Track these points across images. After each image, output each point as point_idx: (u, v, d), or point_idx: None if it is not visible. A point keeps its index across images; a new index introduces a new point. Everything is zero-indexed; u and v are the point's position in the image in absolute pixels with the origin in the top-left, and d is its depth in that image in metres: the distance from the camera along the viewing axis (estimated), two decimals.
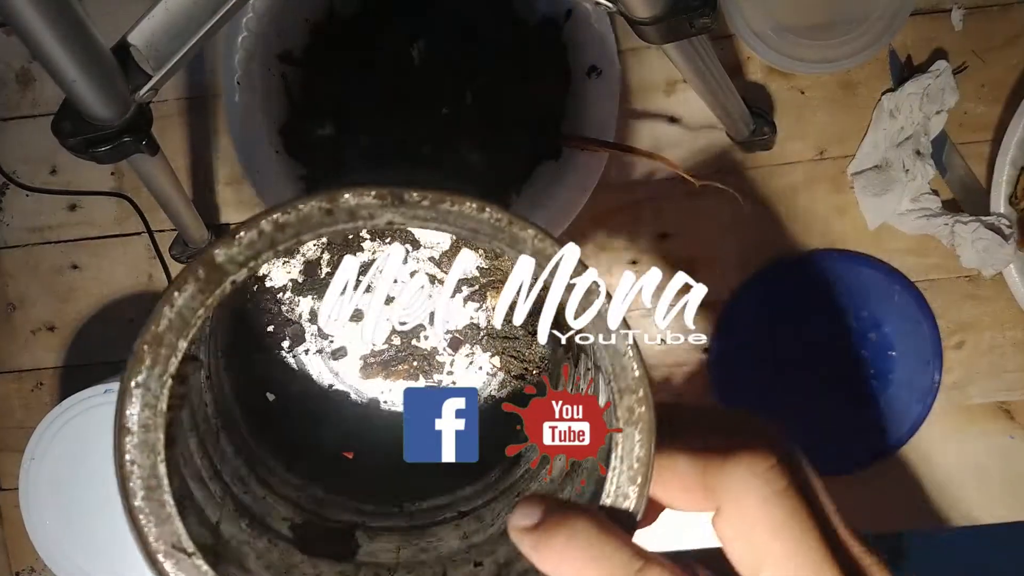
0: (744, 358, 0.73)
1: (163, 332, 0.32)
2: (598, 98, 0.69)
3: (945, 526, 0.75)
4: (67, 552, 0.62)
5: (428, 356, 0.53)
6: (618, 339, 0.33)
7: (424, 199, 0.31)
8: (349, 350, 0.53)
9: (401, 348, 0.53)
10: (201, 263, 0.30)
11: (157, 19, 0.48)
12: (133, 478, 0.31)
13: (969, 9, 0.71)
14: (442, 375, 0.54)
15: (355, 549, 0.41)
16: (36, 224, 0.76)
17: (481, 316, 0.52)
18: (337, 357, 0.54)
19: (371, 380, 0.54)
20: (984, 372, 0.73)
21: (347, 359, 0.54)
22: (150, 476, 0.31)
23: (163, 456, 0.31)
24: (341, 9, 0.71)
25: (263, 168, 0.71)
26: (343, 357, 0.54)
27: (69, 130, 0.48)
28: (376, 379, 0.54)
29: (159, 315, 0.31)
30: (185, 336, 0.31)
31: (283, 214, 0.30)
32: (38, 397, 0.78)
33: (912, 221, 0.71)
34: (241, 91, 0.70)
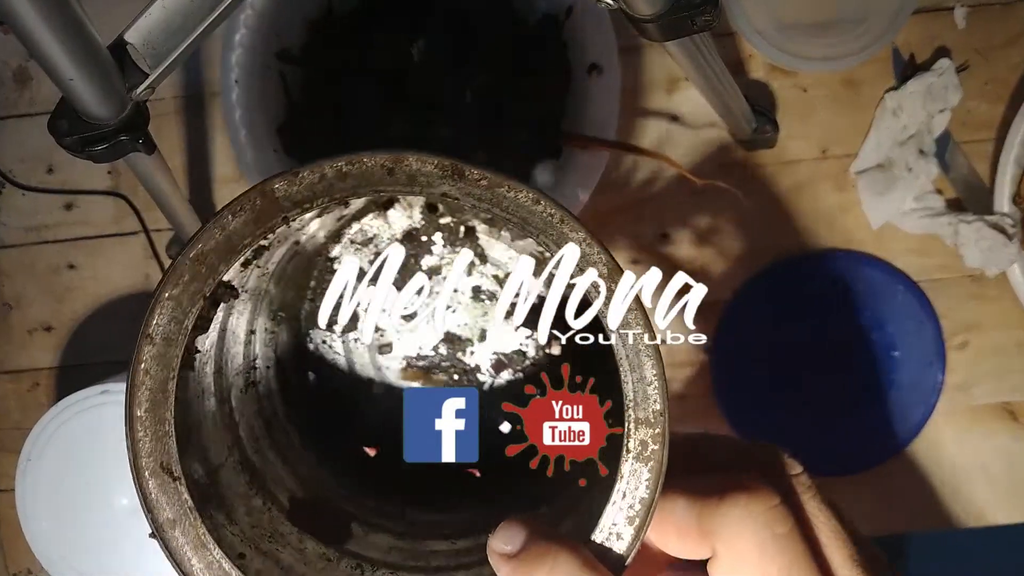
0: (746, 358, 0.73)
1: (208, 252, 0.31)
2: (599, 97, 0.69)
3: (949, 527, 0.74)
4: (64, 553, 0.62)
5: (469, 372, 0.52)
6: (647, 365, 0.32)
7: (483, 179, 0.31)
8: (395, 347, 0.52)
9: (446, 357, 0.52)
10: (259, 192, 0.30)
11: (154, 17, 0.47)
12: (143, 388, 0.32)
13: (972, 7, 0.71)
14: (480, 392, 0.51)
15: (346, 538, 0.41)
16: (32, 223, 0.76)
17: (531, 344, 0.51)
18: (383, 352, 0.52)
19: (410, 382, 0.52)
20: (988, 373, 0.73)
21: (392, 355, 0.52)
22: (159, 390, 0.32)
23: (176, 375, 0.32)
24: (340, 7, 0.71)
25: (261, 167, 0.70)
26: (388, 353, 0.52)
27: (66, 129, 0.48)
28: (415, 382, 0.52)
29: (208, 234, 0.31)
30: (228, 261, 0.31)
31: (347, 164, 0.31)
32: (35, 397, 0.77)
33: (915, 220, 0.71)
34: (239, 90, 0.69)
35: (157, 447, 0.33)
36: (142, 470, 0.33)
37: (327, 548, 0.40)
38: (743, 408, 0.73)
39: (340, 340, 0.51)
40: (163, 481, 0.33)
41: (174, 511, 0.33)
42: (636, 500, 0.31)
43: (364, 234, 0.47)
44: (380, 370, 0.51)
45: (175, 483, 0.33)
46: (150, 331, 0.32)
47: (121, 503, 0.61)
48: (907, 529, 0.75)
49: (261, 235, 0.31)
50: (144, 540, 0.61)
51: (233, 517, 0.36)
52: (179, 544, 0.33)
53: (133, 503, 0.61)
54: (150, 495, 0.33)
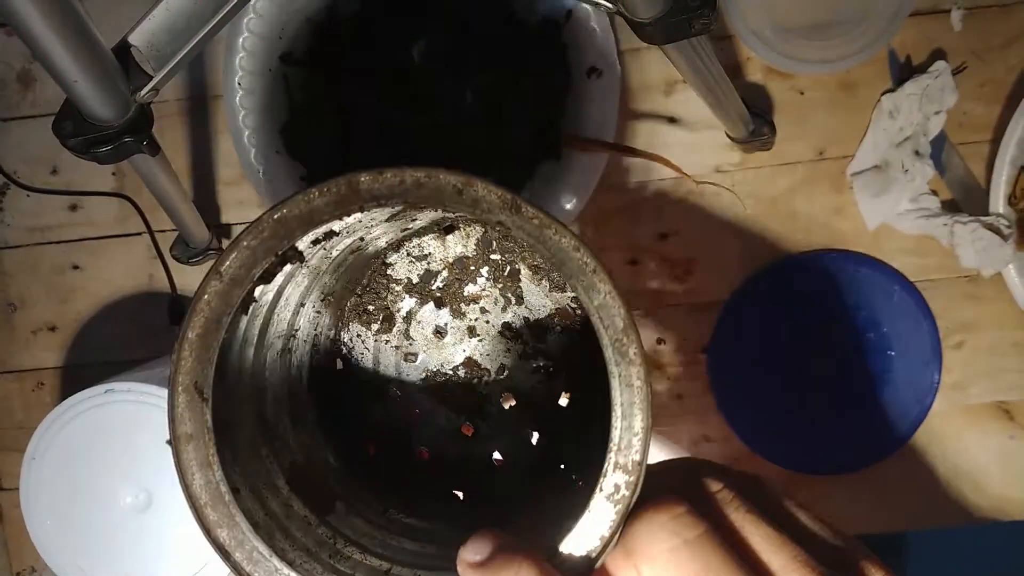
0: (743, 358, 0.73)
1: (290, 217, 0.35)
2: (598, 98, 0.69)
3: (945, 526, 0.75)
4: (67, 552, 0.62)
5: (481, 399, 0.55)
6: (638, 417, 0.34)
7: (535, 217, 0.35)
8: (420, 359, 0.55)
9: (462, 380, 0.55)
10: (346, 182, 0.35)
11: (158, 19, 0.48)
12: (200, 315, 0.36)
13: (968, 9, 0.71)
14: (481, 422, 0.55)
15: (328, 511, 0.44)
16: (37, 224, 0.77)
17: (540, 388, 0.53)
18: (408, 360, 0.55)
19: (424, 394, 0.55)
20: (984, 372, 0.74)
21: (415, 365, 0.55)
22: (214, 319, 0.36)
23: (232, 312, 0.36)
24: (342, 10, 0.71)
25: (264, 168, 0.71)
26: (412, 362, 0.55)
27: (70, 130, 0.49)
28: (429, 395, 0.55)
29: (294, 203, 0.35)
30: (304, 230, 0.35)
31: (425, 175, 0.35)
32: (39, 397, 0.78)
33: (911, 221, 0.71)
34: (242, 92, 0.70)
35: (196, 367, 0.36)
36: (177, 384, 0.36)
37: (310, 513, 0.42)
38: (740, 407, 0.73)
39: (373, 338, 0.54)
40: (192, 398, 0.36)
41: (194, 427, 0.36)
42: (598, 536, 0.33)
43: (421, 250, 0.49)
44: (401, 375, 0.55)
45: (203, 403, 0.36)
46: (221, 269, 0.36)
47: (125, 501, 0.61)
48: (904, 528, 0.75)
49: (338, 216, 0.35)
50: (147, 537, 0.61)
51: (237, 457, 0.39)
52: (189, 457, 0.36)
53: (136, 501, 0.61)
54: (178, 407, 0.36)
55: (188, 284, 0.76)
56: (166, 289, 0.76)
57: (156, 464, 0.61)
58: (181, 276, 0.76)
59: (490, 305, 0.54)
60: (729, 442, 0.75)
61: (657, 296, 0.75)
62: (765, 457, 0.74)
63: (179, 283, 0.76)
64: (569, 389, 0.54)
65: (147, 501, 0.61)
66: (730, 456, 0.75)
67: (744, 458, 0.74)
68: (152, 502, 0.61)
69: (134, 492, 0.61)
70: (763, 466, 0.74)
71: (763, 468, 0.74)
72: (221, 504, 0.37)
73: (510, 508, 0.48)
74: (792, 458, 0.73)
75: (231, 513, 0.37)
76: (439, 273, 0.55)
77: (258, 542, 0.37)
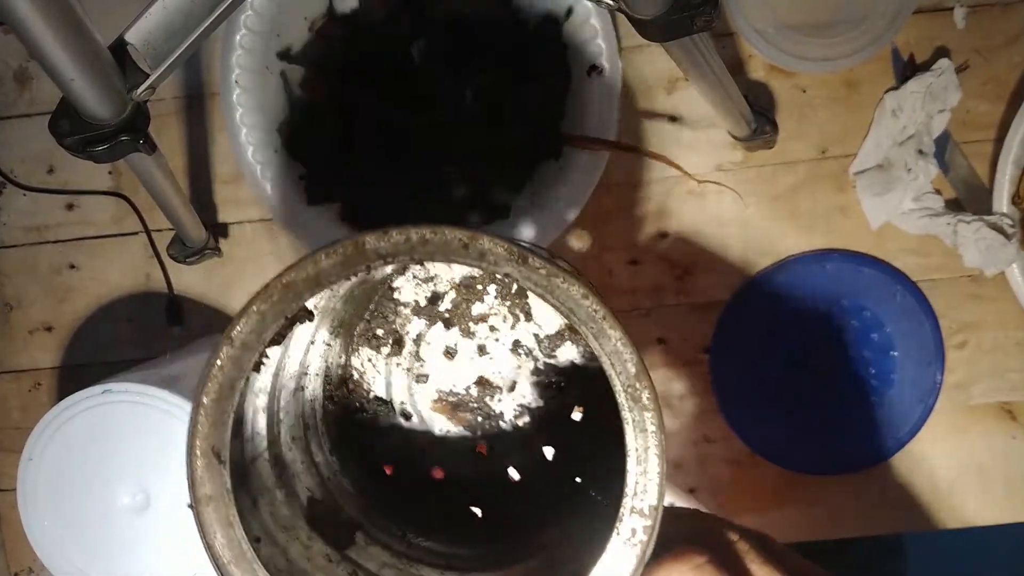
0: (745, 358, 0.73)
1: (298, 281, 0.37)
2: (599, 97, 0.69)
3: (947, 526, 0.75)
4: (65, 553, 0.62)
5: (493, 417, 0.56)
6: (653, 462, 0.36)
7: (543, 268, 0.36)
8: (432, 379, 0.56)
9: (475, 399, 0.56)
10: (352, 243, 0.36)
11: (154, 17, 0.48)
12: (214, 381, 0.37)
13: (971, 7, 0.71)
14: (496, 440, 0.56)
15: (348, 544, 0.45)
16: (33, 224, 0.76)
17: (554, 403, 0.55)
18: (419, 381, 0.56)
19: (437, 414, 0.57)
20: (986, 372, 0.73)
21: (426, 386, 0.56)
22: (228, 386, 0.37)
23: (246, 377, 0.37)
24: (340, 7, 0.71)
25: (262, 167, 0.70)
26: (424, 383, 0.56)
27: (67, 129, 0.48)
28: (442, 415, 0.57)
29: (302, 268, 0.37)
30: (312, 292, 0.37)
31: (431, 232, 0.36)
32: (36, 397, 0.77)
33: (914, 220, 0.71)
34: (240, 89, 0.69)
35: (212, 432, 0.38)
36: (195, 449, 0.38)
37: (331, 550, 0.43)
38: (742, 408, 0.73)
39: (384, 362, 0.55)
40: (210, 462, 0.38)
41: (213, 489, 0.38)
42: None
43: (427, 272, 0.50)
44: (413, 396, 0.56)
45: (220, 466, 0.38)
46: (232, 335, 0.37)
47: (123, 502, 0.61)
48: (906, 528, 0.75)
49: (345, 277, 0.36)
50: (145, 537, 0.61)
51: (258, 504, 0.40)
52: (210, 519, 0.38)
53: (134, 502, 0.61)
54: (197, 472, 0.38)
55: (185, 284, 0.76)
56: (163, 289, 0.75)
57: (154, 465, 0.61)
58: (178, 276, 0.76)
59: (499, 323, 0.55)
60: (729, 442, 0.74)
61: (657, 296, 0.74)
62: (765, 457, 0.73)
63: (176, 283, 0.76)
64: (582, 403, 0.55)
65: (145, 502, 0.61)
66: (730, 456, 0.74)
67: (744, 458, 0.74)
68: (150, 503, 0.61)
69: (132, 493, 0.61)
70: (763, 466, 0.74)
71: (763, 468, 0.74)
72: (244, 561, 0.38)
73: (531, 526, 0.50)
74: (792, 458, 0.73)
75: (254, 569, 0.38)
76: (446, 294, 0.55)
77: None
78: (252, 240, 0.76)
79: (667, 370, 0.75)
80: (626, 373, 0.37)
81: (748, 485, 0.75)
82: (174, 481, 0.60)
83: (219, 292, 0.76)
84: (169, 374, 0.63)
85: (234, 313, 0.67)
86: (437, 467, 0.56)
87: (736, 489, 0.75)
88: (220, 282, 0.76)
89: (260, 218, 0.75)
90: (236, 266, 0.76)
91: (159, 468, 0.61)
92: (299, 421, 0.49)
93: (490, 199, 0.70)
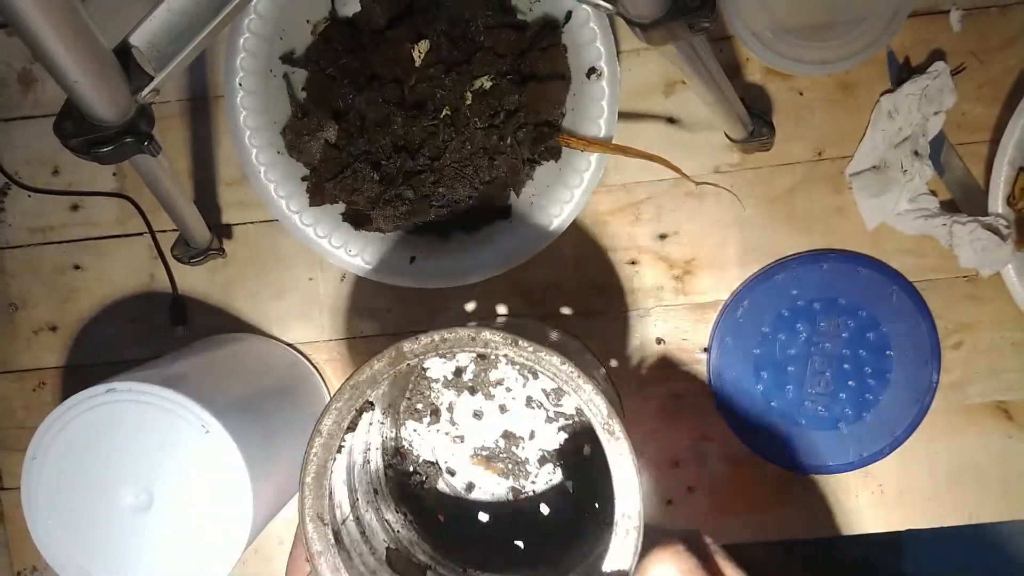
0: (742, 358, 0.73)
1: (361, 382, 0.49)
2: (598, 99, 0.70)
3: (944, 525, 0.75)
4: (69, 552, 0.62)
5: (520, 463, 0.69)
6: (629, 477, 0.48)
7: (530, 347, 0.49)
8: (467, 439, 0.70)
9: (504, 450, 0.69)
10: (395, 349, 0.49)
11: (159, 20, 0.48)
12: (312, 463, 0.50)
13: (967, 10, 0.71)
14: (526, 482, 0.69)
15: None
16: (38, 224, 0.77)
17: (569, 445, 0.68)
18: (456, 441, 0.70)
19: (475, 467, 0.70)
20: (982, 372, 0.74)
21: (463, 445, 0.70)
22: (322, 466, 0.50)
23: (334, 458, 0.50)
24: (342, 10, 0.71)
25: (266, 169, 0.71)
26: (461, 443, 0.70)
27: (71, 131, 0.49)
28: (479, 467, 0.70)
29: (362, 372, 0.49)
30: (372, 388, 0.49)
31: (448, 333, 0.49)
32: (40, 397, 0.78)
33: (910, 222, 0.72)
34: (244, 92, 0.70)
35: (316, 503, 0.50)
36: (305, 516, 0.50)
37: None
38: (739, 407, 0.73)
39: (426, 430, 0.70)
40: (318, 525, 0.50)
41: (322, 545, 0.50)
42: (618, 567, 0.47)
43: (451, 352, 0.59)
44: (454, 455, 0.70)
45: (325, 527, 0.50)
46: (321, 428, 0.50)
47: (126, 501, 0.61)
48: (903, 527, 0.75)
49: (392, 374, 0.49)
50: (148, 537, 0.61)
51: (351, 557, 0.52)
52: (323, 568, 0.50)
53: (137, 501, 0.61)
54: (309, 533, 0.50)
55: (189, 284, 0.76)
56: (167, 289, 0.76)
57: (158, 464, 0.61)
58: (182, 276, 0.76)
59: (512, 384, 0.69)
60: (729, 442, 0.75)
61: (657, 296, 0.75)
62: (765, 457, 0.74)
63: (180, 283, 0.76)
64: (590, 441, 0.68)
65: (148, 501, 0.61)
66: (729, 455, 0.75)
67: (743, 457, 0.75)
68: (153, 502, 0.61)
69: (135, 492, 0.61)
70: (761, 465, 0.74)
71: (761, 467, 0.74)
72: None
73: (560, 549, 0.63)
74: (791, 458, 0.73)
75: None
76: (467, 367, 0.70)
77: None
78: (256, 241, 0.76)
79: (666, 370, 0.75)
80: (600, 415, 0.48)
81: (746, 484, 0.75)
82: (177, 481, 0.61)
83: (223, 293, 0.77)
84: (173, 374, 0.64)
85: (237, 313, 0.76)
86: (481, 511, 0.69)
87: (734, 488, 0.75)
88: (224, 283, 0.77)
89: (264, 219, 0.76)
90: (240, 267, 0.76)
91: (162, 467, 0.61)
92: (369, 488, 0.61)
93: (491, 200, 0.70)
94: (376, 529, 0.59)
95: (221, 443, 0.60)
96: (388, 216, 0.69)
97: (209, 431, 0.60)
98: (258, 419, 0.65)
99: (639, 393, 0.75)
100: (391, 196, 0.69)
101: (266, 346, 0.76)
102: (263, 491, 0.62)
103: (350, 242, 0.72)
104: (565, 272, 0.75)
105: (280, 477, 0.66)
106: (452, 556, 0.62)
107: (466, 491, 0.70)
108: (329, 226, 0.72)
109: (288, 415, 0.70)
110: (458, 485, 0.70)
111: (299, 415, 0.71)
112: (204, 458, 0.60)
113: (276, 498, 0.67)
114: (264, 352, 0.75)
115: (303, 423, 0.70)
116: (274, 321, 0.77)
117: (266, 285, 0.77)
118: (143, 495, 0.62)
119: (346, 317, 0.77)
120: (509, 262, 0.72)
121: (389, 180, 0.69)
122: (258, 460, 0.62)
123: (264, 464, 0.63)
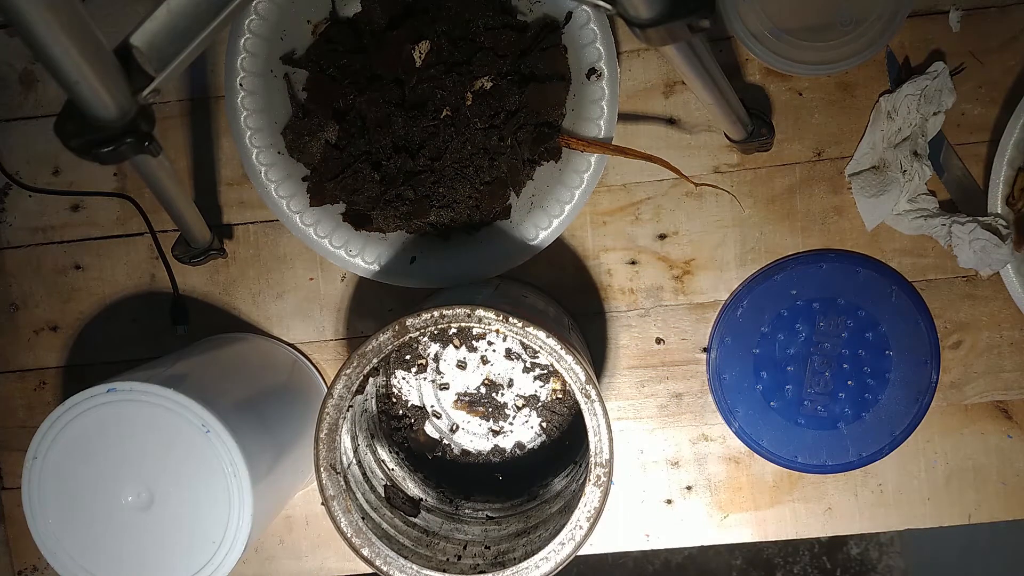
0: (741, 358, 0.73)
1: (367, 352, 0.58)
2: (598, 99, 0.70)
3: (943, 524, 0.75)
4: (69, 550, 0.62)
5: (500, 407, 0.75)
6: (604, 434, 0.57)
7: (519, 322, 0.56)
8: (451, 386, 0.75)
9: (485, 396, 0.75)
10: (398, 323, 0.57)
11: (159, 20, 0.48)
12: (326, 420, 0.59)
13: (967, 11, 0.72)
14: (504, 423, 0.75)
15: (416, 514, 0.67)
16: (39, 224, 0.77)
17: (543, 392, 0.74)
18: (442, 388, 0.75)
19: (458, 411, 0.75)
20: (981, 372, 0.74)
21: (448, 392, 0.75)
22: (333, 423, 0.59)
23: (344, 416, 0.59)
24: (343, 11, 0.71)
25: (267, 170, 0.71)
26: (446, 390, 0.75)
27: (72, 131, 0.48)
28: (462, 411, 0.75)
29: (368, 343, 0.57)
30: (376, 357, 0.58)
31: (447, 310, 0.56)
32: (41, 396, 0.78)
33: (909, 222, 0.72)
34: (244, 93, 0.70)
35: (328, 455, 0.59)
36: (320, 466, 0.59)
37: (405, 519, 0.66)
38: (738, 406, 0.74)
39: (414, 378, 0.75)
40: (331, 473, 0.59)
41: (335, 490, 0.60)
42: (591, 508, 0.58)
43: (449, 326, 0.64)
44: (439, 401, 0.75)
45: (337, 475, 0.60)
46: (333, 392, 0.58)
47: (127, 500, 0.62)
48: (902, 527, 0.76)
49: (395, 346, 0.57)
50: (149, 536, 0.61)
51: (355, 497, 0.62)
52: (336, 510, 0.60)
53: (138, 500, 0.61)
54: (323, 480, 0.59)
55: (190, 284, 0.77)
56: (168, 289, 0.76)
57: (158, 463, 0.61)
58: (183, 276, 0.76)
59: (493, 338, 0.74)
60: (728, 442, 0.75)
61: (657, 296, 0.75)
62: (764, 457, 0.74)
63: (181, 283, 0.76)
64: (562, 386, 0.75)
65: (149, 500, 0.62)
66: (728, 455, 0.75)
67: (742, 456, 0.75)
68: (154, 501, 0.62)
69: (136, 491, 0.62)
70: (760, 464, 0.74)
71: (760, 466, 0.75)
72: (361, 533, 0.60)
73: (536, 481, 0.73)
74: (791, 458, 0.74)
75: (369, 539, 0.60)
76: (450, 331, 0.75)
77: (385, 548, 0.60)
78: (256, 241, 0.76)
79: (666, 369, 0.75)
80: (579, 381, 0.57)
81: (746, 483, 0.75)
82: (177, 480, 0.61)
83: (223, 292, 0.77)
84: (174, 374, 0.64)
85: (238, 313, 0.77)
86: (465, 449, 0.75)
87: (734, 487, 0.75)
88: (224, 282, 0.77)
89: (265, 219, 0.76)
90: (240, 267, 0.77)
91: (163, 467, 0.61)
92: (367, 434, 0.69)
93: (491, 200, 0.71)
94: (375, 470, 0.68)
95: (222, 443, 0.60)
96: (389, 216, 0.70)
97: (210, 431, 0.60)
98: (259, 419, 0.65)
99: (639, 393, 0.76)
100: (392, 196, 0.69)
101: (267, 346, 0.76)
102: (263, 491, 0.62)
103: (351, 242, 0.72)
104: (565, 272, 0.75)
105: (280, 477, 0.66)
106: (441, 489, 0.72)
107: (451, 432, 0.75)
108: (330, 226, 0.72)
109: (289, 415, 0.70)
110: (443, 427, 0.75)
111: (300, 415, 0.71)
112: (204, 458, 0.60)
113: (276, 498, 0.67)
114: (265, 352, 0.75)
115: (304, 423, 0.70)
116: (275, 321, 0.77)
117: (267, 285, 0.77)
118: (143, 495, 0.62)
119: (347, 317, 0.77)
120: (509, 262, 0.72)
121: (390, 180, 0.69)
122: (258, 460, 0.62)
123: (264, 464, 0.63)
